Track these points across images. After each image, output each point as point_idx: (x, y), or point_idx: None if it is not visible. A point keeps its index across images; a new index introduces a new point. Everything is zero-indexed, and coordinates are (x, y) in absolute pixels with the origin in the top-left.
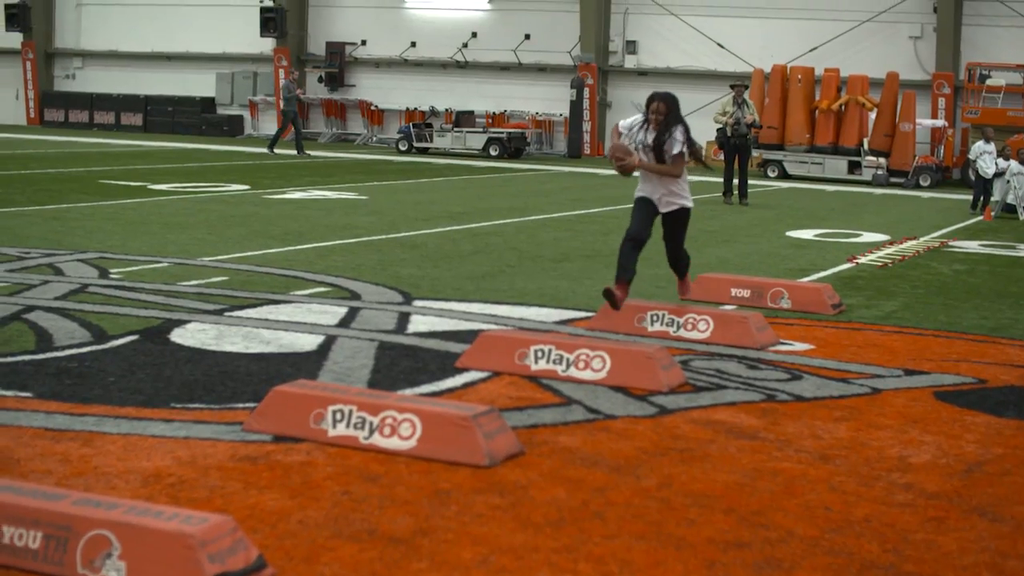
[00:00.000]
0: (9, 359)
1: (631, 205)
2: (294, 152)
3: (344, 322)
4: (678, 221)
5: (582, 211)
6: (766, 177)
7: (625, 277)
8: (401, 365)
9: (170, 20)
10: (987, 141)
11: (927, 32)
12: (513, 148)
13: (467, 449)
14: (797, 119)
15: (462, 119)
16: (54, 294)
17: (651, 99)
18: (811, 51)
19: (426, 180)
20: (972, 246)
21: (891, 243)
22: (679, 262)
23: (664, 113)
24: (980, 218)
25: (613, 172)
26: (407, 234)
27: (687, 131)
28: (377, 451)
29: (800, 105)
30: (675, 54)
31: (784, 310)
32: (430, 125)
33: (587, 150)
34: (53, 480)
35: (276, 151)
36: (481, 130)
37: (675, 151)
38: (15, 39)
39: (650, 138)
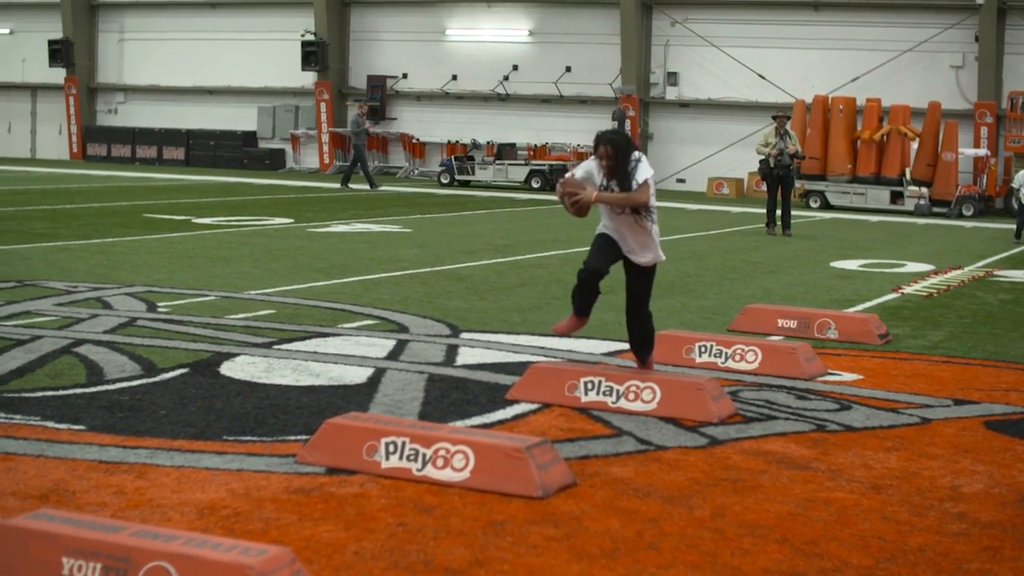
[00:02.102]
0: (61, 392)
1: (675, 236)
2: (367, 187)
3: (393, 355)
4: (645, 273)
5: None
6: (808, 208)
7: (584, 311)
8: (451, 397)
9: (212, 54)
10: None
11: (968, 61)
12: (555, 180)
13: (521, 480)
14: (839, 149)
15: (504, 151)
16: (103, 328)
17: (597, 142)
18: (852, 81)
19: (469, 213)
20: (1018, 275)
21: (936, 273)
22: (642, 329)
23: (612, 157)
24: None
25: (655, 204)
26: (452, 267)
27: (648, 167)
28: (430, 483)
29: (842, 135)
30: (716, 85)
31: (831, 340)
32: (472, 158)
33: None
34: (108, 512)
35: (350, 186)
36: (523, 162)
37: (640, 178)
38: (58, 74)
39: (613, 184)
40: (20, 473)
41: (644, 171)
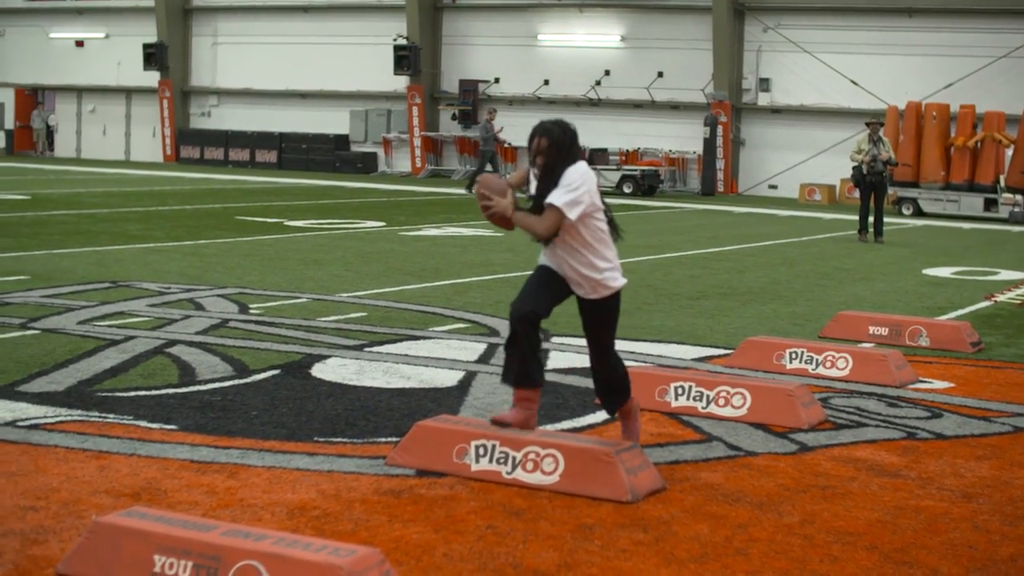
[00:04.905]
0: (154, 392)
1: (766, 242)
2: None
3: (484, 358)
4: (603, 310)
5: (716, 248)
6: (901, 215)
7: (530, 379)
8: (541, 401)
9: (304, 58)
10: None
11: None
12: (647, 186)
13: (610, 485)
14: (932, 156)
15: (596, 156)
16: (195, 329)
17: (533, 133)
18: (946, 87)
19: None
20: None
21: None
22: (610, 376)
23: (547, 152)
24: None
25: (747, 210)
26: None
27: (585, 179)
28: (520, 486)
29: (935, 142)
30: (808, 91)
31: (923, 348)
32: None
33: (721, 188)
34: (200, 511)
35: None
36: (615, 167)
37: (549, 199)
38: (153, 78)
39: (538, 191)
40: (113, 472)
41: (563, 189)
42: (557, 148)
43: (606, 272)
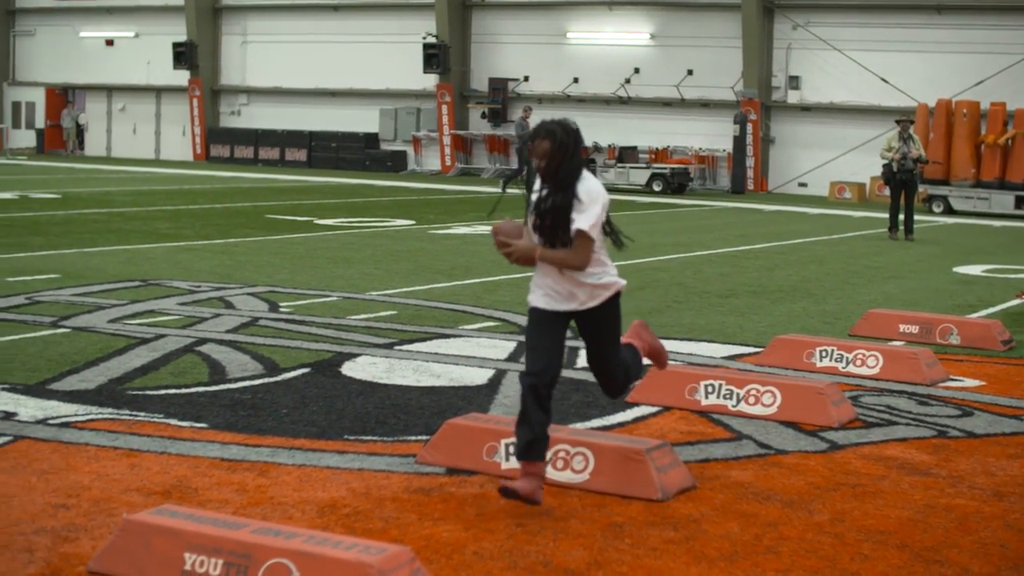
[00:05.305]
0: (184, 390)
1: (796, 240)
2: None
3: (513, 356)
4: (603, 316)
5: (746, 247)
6: (931, 212)
7: (536, 451)
8: (571, 399)
9: (334, 57)
10: None
11: None
12: (676, 184)
13: (640, 483)
14: (962, 154)
15: (625, 155)
16: (226, 327)
17: (533, 133)
18: (976, 85)
19: None
20: None
21: None
22: (624, 377)
23: (549, 155)
24: None
25: (776, 208)
26: None
27: (601, 196)
28: (550, 484)
29: (965, 140)
30: (838, 89)
31: (953, 346)
32: (593, 161)
33: (751, 186)
34: (230, 509)
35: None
36: (644, 166)
37: (577, 225)
38: (183, 77)
39: (541, 200)
40: (144, 470)
41: (587, 209)
42: (560, 150)
43: (604, 277)
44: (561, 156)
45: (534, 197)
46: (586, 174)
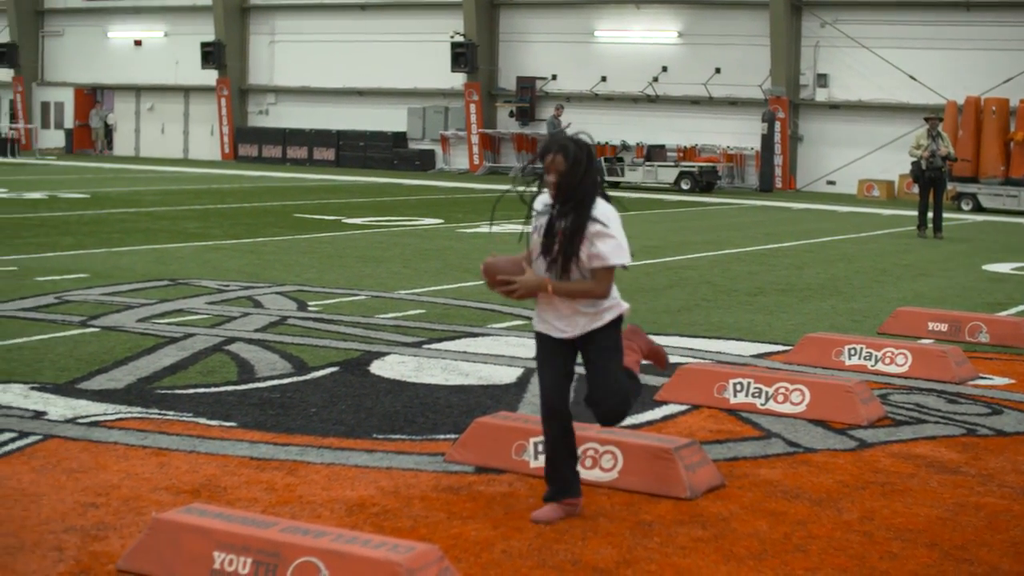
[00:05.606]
0: (213, 389)
1: (825, 238)
2: None
3: None
4: (605, 337)
5: (775, 245)
6: (960, 210)
7: (570, 489)
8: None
9: (362, 56)
10: None
11: None
12: (704, 182)
13: (669, 481)
14: (991, 151)
15: (653, 153)
16: (254, 326)
17: (544, 149)
18: (1005, 82)
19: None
20: None
21: None
22: (625, 398)
23: (563, 172)
24: None
25: (805, 206)
26: None
27: (617, 221)
28: None
29: (994, 137)
30: (867, 87)
31: (982, 344)
32: (621, 159)
33: (779, 184)
34: (259, 508)
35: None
36: (672, 164)
37: (606, 261)
38: (211, 76)
39: (553, 220)
40: (173, 468)
41: (615, 236)
42: (574, 166)
43: (609, 301)
44: (574, 171)
45: (544, 219)
46: (603, 205)
